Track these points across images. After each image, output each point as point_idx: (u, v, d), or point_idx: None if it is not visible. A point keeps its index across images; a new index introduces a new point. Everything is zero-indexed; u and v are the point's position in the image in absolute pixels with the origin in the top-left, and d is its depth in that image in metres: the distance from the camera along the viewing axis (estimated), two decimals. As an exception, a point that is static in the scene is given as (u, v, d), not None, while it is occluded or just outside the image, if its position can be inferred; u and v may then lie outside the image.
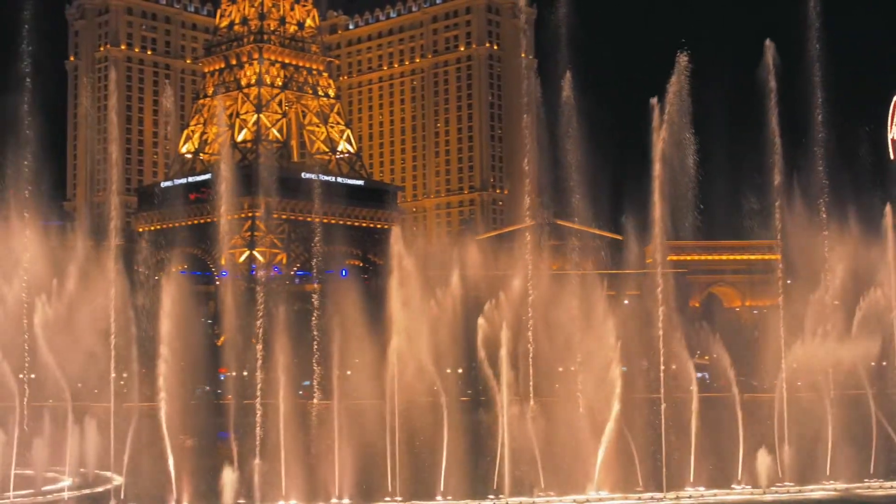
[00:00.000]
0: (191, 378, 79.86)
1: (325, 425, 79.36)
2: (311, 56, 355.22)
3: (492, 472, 79.06)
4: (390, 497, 75.86)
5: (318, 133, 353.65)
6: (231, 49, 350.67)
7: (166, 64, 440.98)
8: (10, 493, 75.90)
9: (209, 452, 77.93)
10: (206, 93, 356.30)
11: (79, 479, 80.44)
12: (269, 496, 74.84)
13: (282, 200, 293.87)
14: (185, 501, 74.25)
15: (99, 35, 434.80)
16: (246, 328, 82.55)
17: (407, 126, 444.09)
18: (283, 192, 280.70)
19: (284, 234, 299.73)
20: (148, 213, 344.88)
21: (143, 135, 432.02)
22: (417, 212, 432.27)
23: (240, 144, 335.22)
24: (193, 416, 79.23)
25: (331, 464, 77.00)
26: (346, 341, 79.62)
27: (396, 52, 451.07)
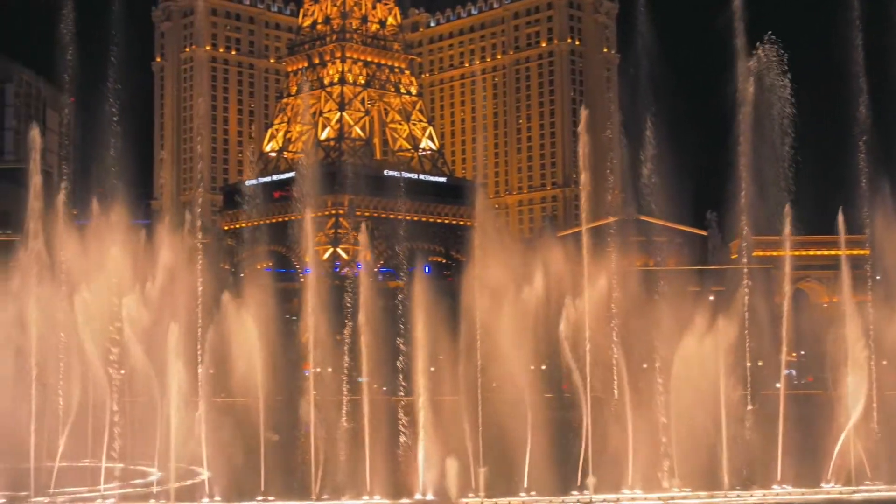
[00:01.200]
0: (276, 375, 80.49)
1: (410, 421, 79.57)
2: (393, 54, 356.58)
3: (576, 469, 78.69)
4: (474, 493, 75.86)
5: (400, 130, 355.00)
6: (314, 48, 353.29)
7: (250, 64, 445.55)
8: (100, 486, 77.24)
9: (295, 448, 78.60)
10: (290, 92, 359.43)
11: (167, 473, 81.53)
12: (353, 492, 75.24)
13: (365, 198, 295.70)
14: (271, 496, 74.96)
15: (184, 36, 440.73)
16: (329, 325, 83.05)
17: (489, 123, 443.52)
18: (366, 189, 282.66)
19: (367, 231, 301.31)
20: (233, 211, 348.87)
21: (227, 134, 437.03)
22: (499, 208, 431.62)
23: (323, 143, 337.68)
24: (280, 412, 79.89)
25: (414, 460, 77.20)
26: (429, 337, 79.75)
27: (478, 49, 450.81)
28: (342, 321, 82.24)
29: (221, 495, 75.23)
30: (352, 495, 75.13)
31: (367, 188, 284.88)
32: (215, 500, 74.55)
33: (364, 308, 79.56)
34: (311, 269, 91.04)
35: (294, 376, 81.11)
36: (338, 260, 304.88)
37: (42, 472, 76.73)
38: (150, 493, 75.96)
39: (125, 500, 74.90)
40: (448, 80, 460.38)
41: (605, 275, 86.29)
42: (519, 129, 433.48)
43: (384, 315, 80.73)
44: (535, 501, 75.44)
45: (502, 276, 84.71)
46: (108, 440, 79.14)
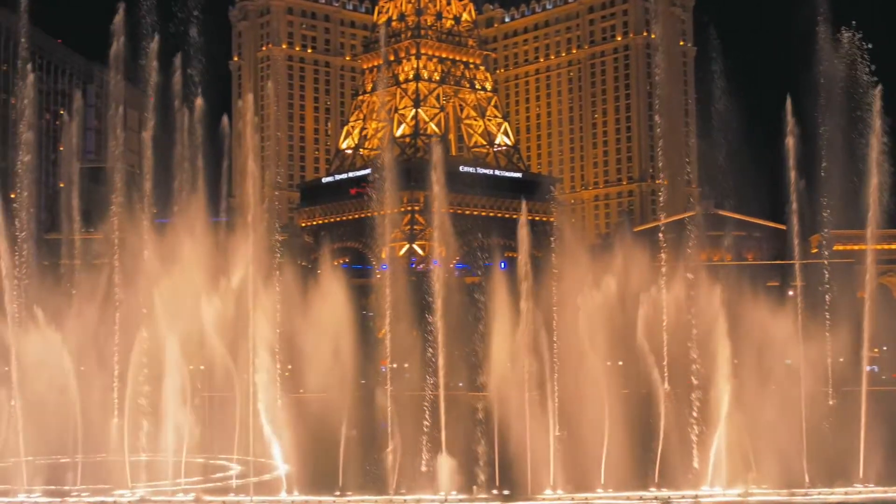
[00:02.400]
0: (353, 370, 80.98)
1: (486, 417, 79.64)
2: (468, 50, 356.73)
3: (653, 466, 78.22)
4: (552, 489, 75.74)
5: (475, 126, 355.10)
6: (389, 45, 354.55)
7: (326, 62, 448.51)
8: (181, 480, 78.31)
9: (373, 443, 79.03)
10: (365, 89, 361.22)
11: (246, 467, 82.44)
12: (427, 487, 75.47)
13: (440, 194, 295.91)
14: (349, 491, 75.46)
15: (261, 35, 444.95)
16: (406, 320, 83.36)
17: (564, 118, 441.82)
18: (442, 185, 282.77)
19: (443, 227, 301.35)
20: (310, 208, 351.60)
21: (304, 131, 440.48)
22: (575, 203, 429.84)
23: (398, 139, 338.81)
24: (358, 407, 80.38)
25: (490, 455, 77.23)
26: (506, 333, 79.73)
27: (553, 44, 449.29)
28: (418, 317, 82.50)
29: (300, 490, 75.88)
30: (428, 490, 75.36)
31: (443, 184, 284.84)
32: (293, 495, 75.21)
33: (440, 304, 79.70)
34: (388, 266, 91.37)
35: (371, 372, 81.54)
36: (414, 256, 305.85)
37: (124, 465, 77.92)
38: (230, 486, 76.82)
39: (205, 493, 75.81)
40: (523, 76, 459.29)
41: (683, 270, 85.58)
42: (594, 124, 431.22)
43: (460, 311, 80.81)
44: (613, 498, 75.12)
45: (579, 272, 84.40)
46: (189, 435, 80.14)
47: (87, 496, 74.68)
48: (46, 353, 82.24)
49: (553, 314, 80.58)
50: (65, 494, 75.05)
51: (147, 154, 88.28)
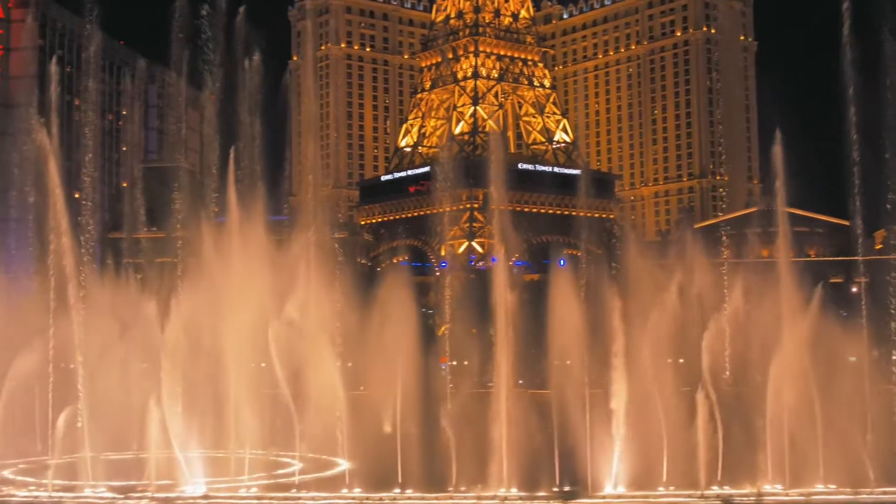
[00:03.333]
0: (413, 368, 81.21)
1: (545, 415, 79.52)
2: (527, 47, 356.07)
3: (715, 464, 77.60)
4: (613, 486, 75.47)
5: (534, 123, 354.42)
6: (447, 43, 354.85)
7: (385, 60, 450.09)
8: (244, 476, 78.97)
9: (433, 440, 79.13)
10: (424, 87, 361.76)
11: (308, 464, 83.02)
12: (488, 484, 75.47)
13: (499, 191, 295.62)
14: (409, 488, 75.69)
15: (320, 34, 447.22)
16: (466, 318, 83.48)
17: (623, 114, 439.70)
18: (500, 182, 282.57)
19: (502, 224, 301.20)
20: (369, 206, 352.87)
21: (363, 130, 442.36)
22: (635, 200, 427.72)
23: (457, 137, 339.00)
24: (418, 404, 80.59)
25: (550, 453, 77.13)
26: (566, 331, 79.53)
27: (612, 40, 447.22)
28: (478, 314, 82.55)
29: (361, 486, 76.24)
30: (488, 487, 75.38)
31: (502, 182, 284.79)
32: (355, 491, 75.57)
33: (499, 301, 79.67)
34: (447, 263, 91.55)
35: (431, 369, 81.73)
36: (473, 253, 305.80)
37: (188, 461, 78.71)
38: (292, 483, 77.36)
39: (268, 490, 76.40)
40: (582, 72, 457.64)
41: (744, 267, 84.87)
42: (654, 120, 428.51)
43: (519, 308, 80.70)
44: (674, 495, 74.70)
45: (640, 270, 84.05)
46: (251, 431, 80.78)
47: (152, 492, 75.54)
48: (111, 351, 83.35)
49: (616, 312, 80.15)
50: (130, 490, 75.97)
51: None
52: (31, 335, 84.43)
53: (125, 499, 74.81)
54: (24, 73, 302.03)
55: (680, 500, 74.04)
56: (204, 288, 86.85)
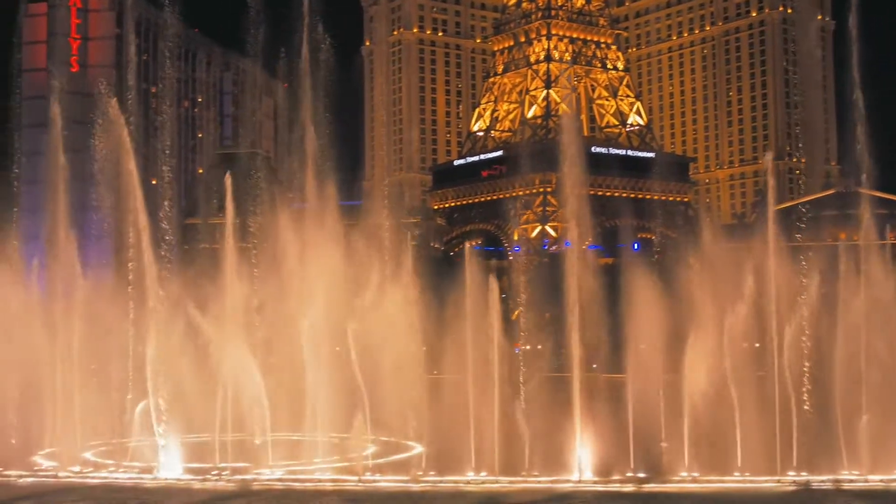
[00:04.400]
0: (487, 351, 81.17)
1: (619, 400, 79.11)
2: (599, 29, 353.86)
3: (791, 449, 76.69)
4: (687, 472, 74.93)
5: (607, 107, 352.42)
6: (519, 26, 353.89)
7: (457, 44, 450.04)
8: (318, 459, 79.63)
9: (509, 424, 79.10)
10: (496, 71, 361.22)
11: (382, 447, 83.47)
12: (559, 470, 75.35)
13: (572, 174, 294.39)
14: (482, 472, 75.81)
15: (392, 20, 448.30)
16: (539, 302, 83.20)
17: (698, 96, 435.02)
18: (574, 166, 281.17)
19: (576, 208, 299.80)
20: (442, 190, 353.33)
21: (436, 115, 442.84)
22: (710, 183, 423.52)
23: (530, 121, 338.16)
24: (494, 388, 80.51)
25: (624, 439, 76.75)
26: (640, 315, 79.02)
27: (686, 21, 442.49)
28: (551, 299, 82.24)
29: (434, 470, 76.48)
30: (562, 473, 75.26)
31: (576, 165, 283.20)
32: (429, 474, 75.83)
33: (572, 285, 79.34)
34: (520, 247, 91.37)
35: (504, 354, 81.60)
36: (546, 237, 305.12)
37: (263, 445, 79.57)
38: (366, 465, 77.83)
39: (340, 473, 76.92)
40: (655, 54, 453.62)
41: (822, 250, 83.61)
42: (729, 102, 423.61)
43: (593, 292, 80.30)
44: (750, 481, 74.01)
45: (716, 253, 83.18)
46: (326, 414, 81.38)
47: (228, 474, 76.45)
48: (190, 336, 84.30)
49: (691, 296, 79.42)
50: (205, 472, 76.96)
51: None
52: (112, 321, 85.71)
53: (202, 481, 75.81)
54: (102, 62, 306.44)
55: (756, 486, 73.34)
56: (279, 273, 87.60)
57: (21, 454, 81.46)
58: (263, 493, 72.16)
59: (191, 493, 72.91)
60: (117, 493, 72.90)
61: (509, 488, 73.46)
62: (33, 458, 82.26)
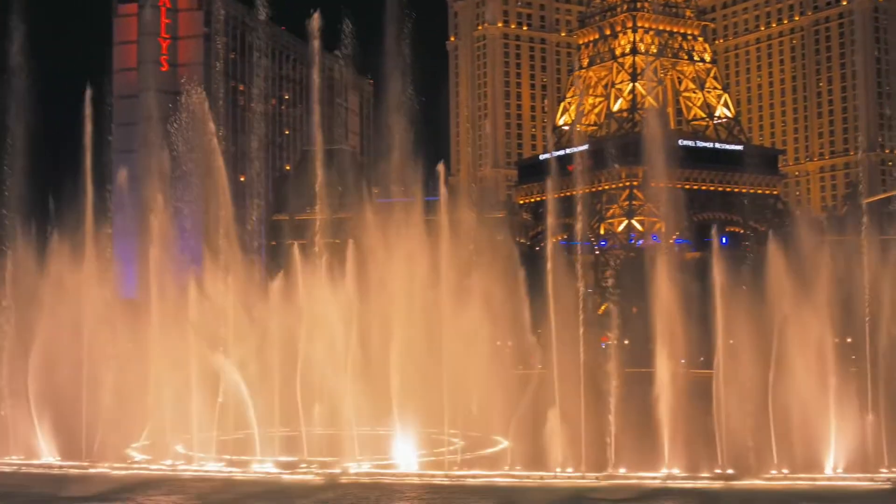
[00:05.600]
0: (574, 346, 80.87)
1: (707, 395, 78.29)
2: (686, 21, 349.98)
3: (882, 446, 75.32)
4: (777, 469, 73.97)
5: (694, 99, 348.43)
6: (605, 19, 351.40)
7: (542, 38, 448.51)
8: (405, 453, 79.88)
9: (594, 420, 78.73)
10: (582, 64, 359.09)
11: (469, 442, 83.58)
12: (647, 466, 74.83)
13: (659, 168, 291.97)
14: (568, 468, 75.57)
15: (476, 15, 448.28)
16: (626, 296, 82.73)
17: (787, 87, 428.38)
18: (661, 159, 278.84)
19: (663, 202, 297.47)
20: (527, 185, 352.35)
21: (521, 109, 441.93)
22: (800, 175, 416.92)
23: (616, 114, 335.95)
24: (579, 384, 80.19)
25: (712, 434, 75.98)
26: (729, 309, 78.12)
27: (774, 11, 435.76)
28: (638, 293, 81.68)
29: (521, 465, 76.42)
30: (650, 469, 74.75)
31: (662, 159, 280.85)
32: (514, 470, 75.80)
33: (659, 280, 78.72)
34: (606, 242, 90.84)
35: (591, 348, 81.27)
36: (633, 231, 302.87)
37: (352, 438, 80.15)
38: (453, 460, 78.03)
39: (427, 467, 77.27)
40: (743, 45, 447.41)
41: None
42: (819, 93, 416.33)
43: (680, 286, 79.61)
44: (841, 479, 72.91)
45: (807, 246, 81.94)
46: (414, 409, 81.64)
47: (316, 468, 77.18)
48: (280, 331, 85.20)
49: (782, 290, 78.27)
50: (294, 466, 77.79)
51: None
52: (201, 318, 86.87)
53: (291, 474, 76.63)
54: (191, 60, 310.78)
55: (848, 484, 72.20)
56: (367, 268, 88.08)
57: (115, 447, 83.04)
58: (351, 487, 72.73)
59: (280, 486, 73.73)
60: (206, 486, 74.02)
61: (596, 484, 73.17)
62: (127, 451, 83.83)
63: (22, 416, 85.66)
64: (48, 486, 75.12)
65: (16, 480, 77.97)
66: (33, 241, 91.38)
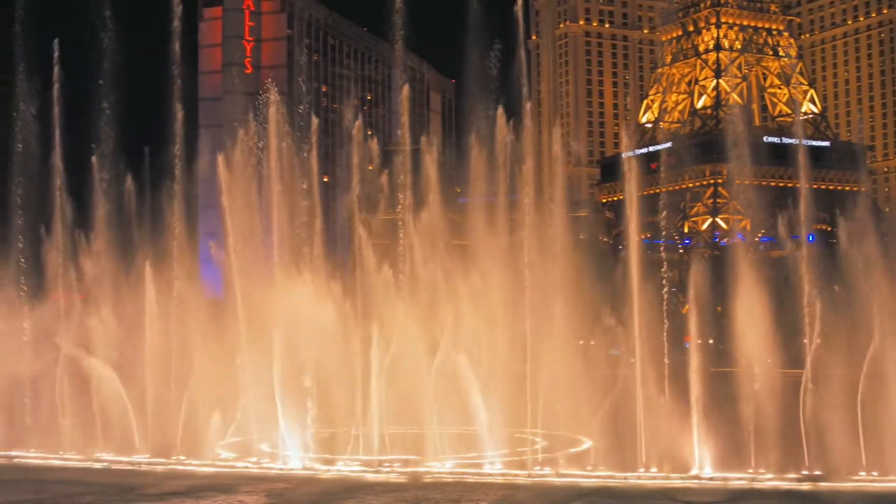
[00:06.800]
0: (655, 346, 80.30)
1: (794, 395, 77.23)
2: (771, 16, 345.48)
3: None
4: (866, 472, 72.68)
5: (779, 95, 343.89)
6: (688, 16, 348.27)
7: (623, 36, 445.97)
8: (488, 452, 79.91)
9: (676, 419, 78.03)
10: (664, 61, 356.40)
11: (552, 442, 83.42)
12: (736, 466, 74.04)
13: (744, 166, 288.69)
14: (653, 468, 75.04)
15: (558, 13, 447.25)
16: (710, 296, 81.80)
17: (875, 82, 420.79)
18: (746, 156, 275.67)
19: (748, 199, 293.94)
20: (610, 183, 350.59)
21: (603, 107, 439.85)
22: (888, 171, 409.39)
23: (699, 111, 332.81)
24: (661, 383, 79.62)
25: (799, 435, 74.95)
26: (818, 308, 76.97)
27: (861, 5, 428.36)
28: (723, 292, 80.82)
29: (605, 465, 76.03)
30: (734, 469, 73.95)
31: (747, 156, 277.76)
32: (598, 470, 75.45)
33: (744, 278, 77.80)
34: (690, 240, 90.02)
35: (675, 348, 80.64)
36: (717, 230, 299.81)
37: (433, 437, 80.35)
38: (536, 459, 77.91)
39: (510, 466, 77.19)
40: (829, 40, 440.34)
41: None
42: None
43: (766, 285, 78.59)
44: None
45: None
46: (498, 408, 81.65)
47: (399, 466, 77.54)
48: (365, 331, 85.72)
49: (874, 288, 76.86)
50: (377, 465, 78.20)
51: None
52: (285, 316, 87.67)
53: (375, 473, 77.07)
54: (275, 62, 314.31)
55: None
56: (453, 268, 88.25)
57: (203, 444, 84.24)
58: (434, 486, 72.91)
59: (363, 485, 74.19)
60: (289, 484, 74.76)
61: (680, 485, 72.52)
62: (215, 448, 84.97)
63: (112, 413, 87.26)
64: (137, 480, 76.37)
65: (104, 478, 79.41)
66: (122, 242, 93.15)
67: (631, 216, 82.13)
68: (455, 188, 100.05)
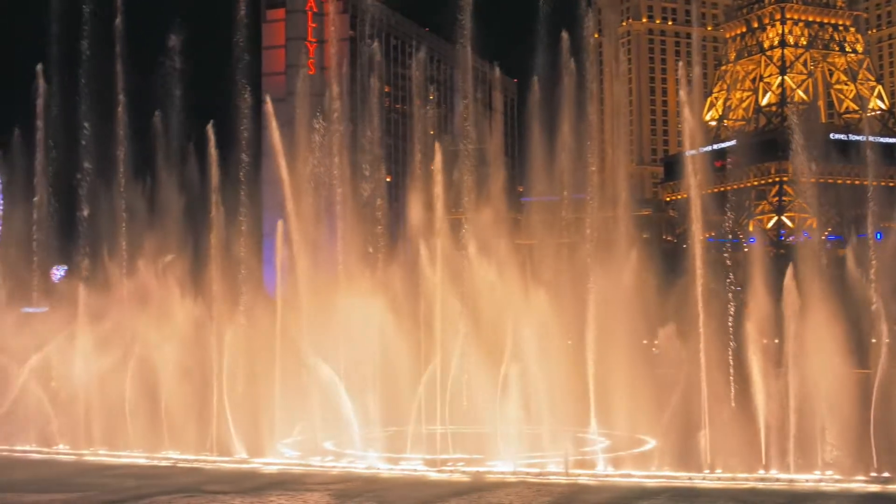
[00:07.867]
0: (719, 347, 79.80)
1: (863, 396, 76.34)
2: (837, 11, 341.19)
3: None
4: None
5: (846, 91, 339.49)
6: (752, 12, 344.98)
7: (687, 33, 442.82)
8: (551, 453, 79.83)
9: (743, 418, 77.45)
10: (728, 59, 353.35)
11: (615, 441, 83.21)
12: (801, 466, 73.38)
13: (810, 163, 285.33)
14: (718, 468, 74.54)
15: (621, 11, 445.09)
16: (775, 295, 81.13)
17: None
18: (812, 154, 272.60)
19: (814, 197, 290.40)
20: (674, 182, 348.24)
21: (666, 105, 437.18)
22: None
23: (764, 109, 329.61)
24: (725, 384, 79.11)
25: (867, 436, 74.13)
26: (882, 307, 76.08)
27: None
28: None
29: (669, 465, 75.68)
30: (800, 470, 73.31)
31: (813, 153, 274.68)
32: (662, 470, 75.11)
33: (809, 277, 77.05)
34: (755, 239, 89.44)
35: (740, 347, 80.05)
36: (783, 228, 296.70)
37: (496, 436, 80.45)
38: (597, 459, 77.73)
39: (574, 466, 77.05)
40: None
41: None
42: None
43: (833, 284, 77.77)
44: None
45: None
46: (560, 407, 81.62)
47: (462, 466, 77.68)
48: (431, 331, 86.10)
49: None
50: (440, 463, 78.41)
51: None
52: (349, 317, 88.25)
53: (437, 472, 77.27)
54: (338, 63, 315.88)
55: None
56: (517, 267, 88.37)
57: (267, 443, 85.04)
58: (497, 485, 72.95)
59: (426, 484, 74.40)
60: (352, 484, 75.07)
61: (745, 486, 71.98)
62: (278, 447, 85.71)
63: (177, 411, 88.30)
64: (201, 479, 77.16)
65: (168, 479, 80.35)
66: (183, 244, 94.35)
67: (695, 215, 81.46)
68: (517, 187, 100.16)
